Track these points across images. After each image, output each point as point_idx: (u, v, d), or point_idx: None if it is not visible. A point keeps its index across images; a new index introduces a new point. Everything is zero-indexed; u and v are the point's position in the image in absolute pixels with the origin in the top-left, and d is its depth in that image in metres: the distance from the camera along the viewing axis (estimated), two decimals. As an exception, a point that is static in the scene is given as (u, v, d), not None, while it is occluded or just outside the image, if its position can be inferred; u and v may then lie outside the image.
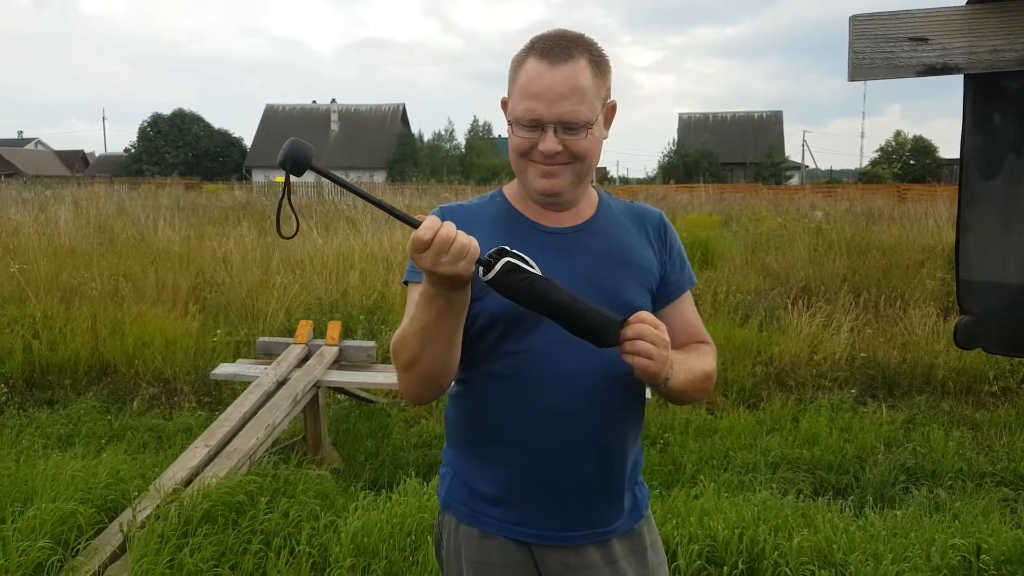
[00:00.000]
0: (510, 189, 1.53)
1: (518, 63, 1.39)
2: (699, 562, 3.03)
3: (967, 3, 1.22)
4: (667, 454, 4.58)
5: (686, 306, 1.56)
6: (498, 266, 1.20)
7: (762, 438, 4.90)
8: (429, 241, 1.16)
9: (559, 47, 1.35)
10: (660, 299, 1.52)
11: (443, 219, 1.45)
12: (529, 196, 1.47)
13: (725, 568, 3.02)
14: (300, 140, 1.12)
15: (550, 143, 1.35)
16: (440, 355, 1.32)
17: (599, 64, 1.38)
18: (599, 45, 1.40)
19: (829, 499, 3.96)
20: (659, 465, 4.39)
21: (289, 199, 1.23)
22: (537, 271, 1.22)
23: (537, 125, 1.35)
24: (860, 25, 1.23)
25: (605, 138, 1.46)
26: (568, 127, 1.34)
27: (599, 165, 1.55)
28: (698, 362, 1.45)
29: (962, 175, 1.32)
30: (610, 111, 1.45)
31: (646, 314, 1.30)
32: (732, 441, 4.82)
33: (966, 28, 1.21)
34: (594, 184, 1.58)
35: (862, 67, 1.23)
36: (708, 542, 3.15)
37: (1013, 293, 1.31)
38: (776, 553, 3.10)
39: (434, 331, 1.29)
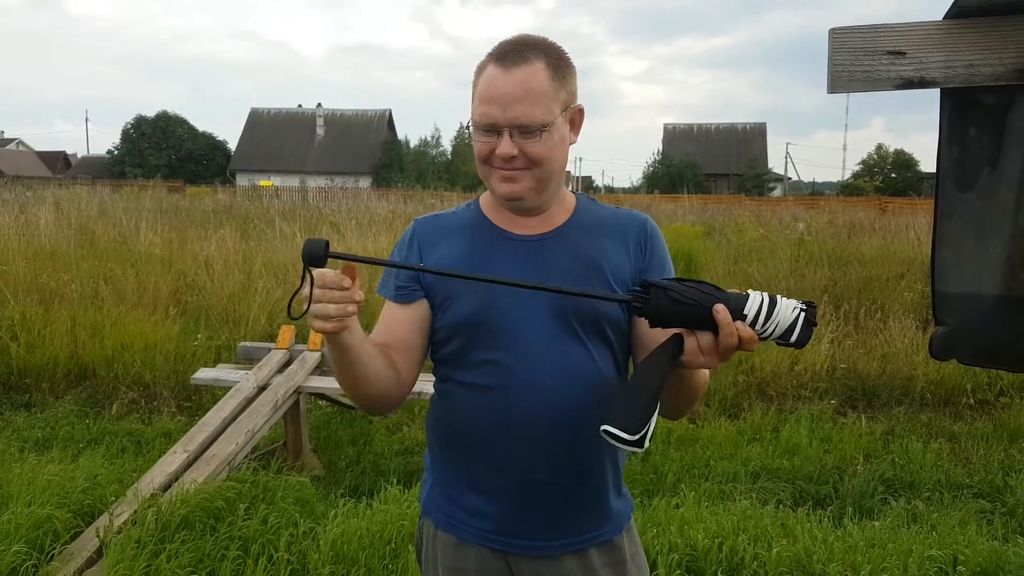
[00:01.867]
0: (486, 197, 1.53)
1: (479, 70, 1.40)
2: (679, 571, 3.04)
3: (944, 19, 1.24)
4: (648, 463, 4.58)
5: None
6: None
7: (743, 448, 4.92)
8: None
9: (515, 51, 1.36)
10: None
11: (415, 232, 1.51)
12: (497, 202, 1.47)
13: (704, 577, 3.03)
14: (312, 240, 1.20)
15: (505, 147, 1.35)
16: (364, 385, 1.37)
17: (557, 67, 1.38)
18: (562, 49, 1.41)
19: (809, 509, 3.98)
20: (640, 474, 4.40)
21: (301, 288, 1.25)
22: None
23: (493, 129, 1.35)
24: (839, 38, 1.25)
25: (573, 143, 1.45)
26: (523, 130, 1.34)
27: (584, 174, 1.55)
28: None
29: (938, 188, 1.33)
30: (577, 115, 1.44)
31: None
32: (713, 450, 4.84)
33: (943, 43, 1.22)
34: (576, 190, 1.58)
35: (841, 79, 1.25)
36: (688, 551, 3.15)
37: (987, 305, 1.33)
38: (756, 563, 3.12)
39: (344, 367, 1.33)
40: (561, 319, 1.40)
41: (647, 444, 1.18)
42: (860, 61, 1.24)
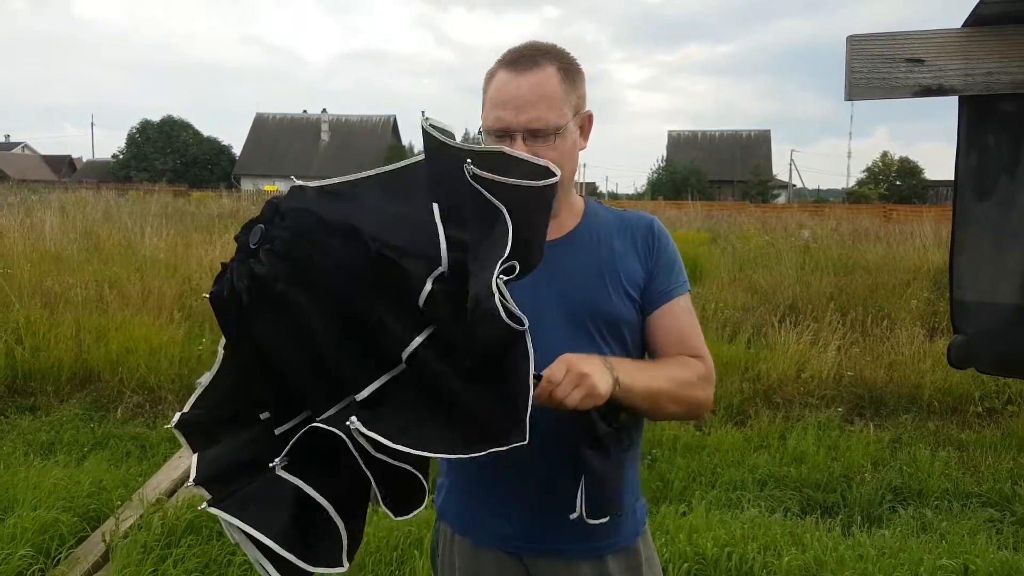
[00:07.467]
0: None
1: (489, 76, 1.41)
2: (687, 579, 3.02)
3: (963, 26, 1.24)
4: (655, 470, 4.57)
5: (675, 314, 1.46)
6: None
7: (750, 455, 4.90)
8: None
9: (526, 57, 1.37)
10: (646, 306, 1.47)
11: None
12: None
13: (713, 586, 3.01)
14: None
15: (519, 151, 1.33)
16: None
17: (568, 71, 1.39)
18: (571, 55, 1.41)
19: (817, 518, 3.96)
20: (647, 481, 4.38)
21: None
22: None
23: (505, 133, 1.35)
24: (857, 45, 1.25)
25: (582, 148, 1.45)
26: (536, 134, 1.34)
27: (588, 180, 1.54)
28: (666, 370, 1.37)
29: (956, 195, 1.33)
30: (586, 121, 1.45)
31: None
32: (720, 458, 4.82)
33: (962, 50, 1.22)
34: (583, 195, 1.58)
35: (859, 86, 1.24)
36: (697, 560, 3.14)
37: (1005, 314, 1.32)
38: (765, 572, 3.10)
39: None
40: (577, 323, 1.39)
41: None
42: (878, 68, 1.23)
